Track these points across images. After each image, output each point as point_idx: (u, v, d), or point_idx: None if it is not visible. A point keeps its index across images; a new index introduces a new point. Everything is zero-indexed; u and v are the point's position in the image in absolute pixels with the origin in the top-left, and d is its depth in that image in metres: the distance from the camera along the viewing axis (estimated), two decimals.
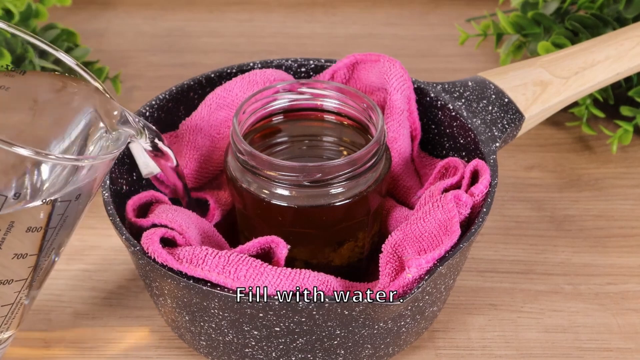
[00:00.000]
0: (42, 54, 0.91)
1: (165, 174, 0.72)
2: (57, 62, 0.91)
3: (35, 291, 0.68)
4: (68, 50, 0.93)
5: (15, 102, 0.67)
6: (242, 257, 0.66)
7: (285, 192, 0.69)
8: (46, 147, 0.66)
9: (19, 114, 0.67)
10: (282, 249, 0.68)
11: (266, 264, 0.66)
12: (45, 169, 0.63)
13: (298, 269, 0.66)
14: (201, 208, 0.76)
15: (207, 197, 0.76)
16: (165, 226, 0.69)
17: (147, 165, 0.72)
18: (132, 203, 0.71)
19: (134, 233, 0.69)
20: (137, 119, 0.68)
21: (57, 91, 0.69)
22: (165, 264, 0.65)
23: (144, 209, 0.73)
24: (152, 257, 0.66)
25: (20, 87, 0.67)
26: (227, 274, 0.65)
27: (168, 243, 0.68)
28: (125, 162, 0.76)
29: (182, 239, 0.68)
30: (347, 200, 0.69)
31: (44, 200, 0.62)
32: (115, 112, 0.67)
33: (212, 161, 0.76)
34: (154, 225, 0.69)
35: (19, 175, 0.62)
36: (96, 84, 0.68)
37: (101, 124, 0.67)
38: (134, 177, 0.76)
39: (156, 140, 0.69)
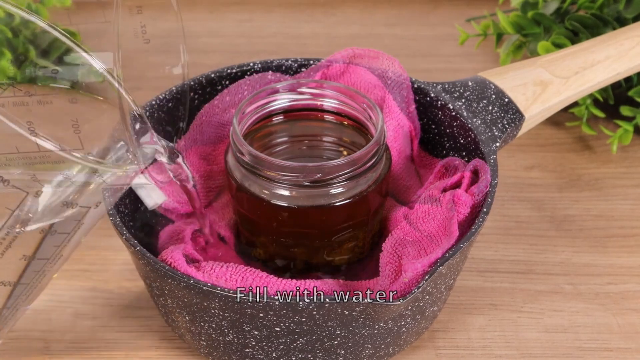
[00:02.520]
0: (44, 53, 0.91)
1: (185, 194, 0.72)
2: (59, 61, 0.91)
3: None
4: (68, 51, 0.93)
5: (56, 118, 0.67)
6: (248, 269, 0.66)
7: (286, 192, 0.69)
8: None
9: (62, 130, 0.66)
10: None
11: (272, 275, 0.67)
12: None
13: (302, 280, 0.67)
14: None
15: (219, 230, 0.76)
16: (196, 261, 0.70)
17: (150, 197, 0.71)
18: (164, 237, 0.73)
19: (139, 238, 0.70)
20: (158, 138, 0.67)
21: (97, 114, 0.69)
22: (174, 267, 0.66)
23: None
24: (168, 263, 0.66)
25: (59, 106, 0.67)
26: (233, 282, 0.66)
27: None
28: None
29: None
30: (347, 200, 0.69)
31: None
32: (138, 126, 0.66)
33: (213, 178, 0.76)
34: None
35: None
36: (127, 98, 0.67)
37: (120, 142, 0.66)
38: None
39: (179, 160, 0.68)
